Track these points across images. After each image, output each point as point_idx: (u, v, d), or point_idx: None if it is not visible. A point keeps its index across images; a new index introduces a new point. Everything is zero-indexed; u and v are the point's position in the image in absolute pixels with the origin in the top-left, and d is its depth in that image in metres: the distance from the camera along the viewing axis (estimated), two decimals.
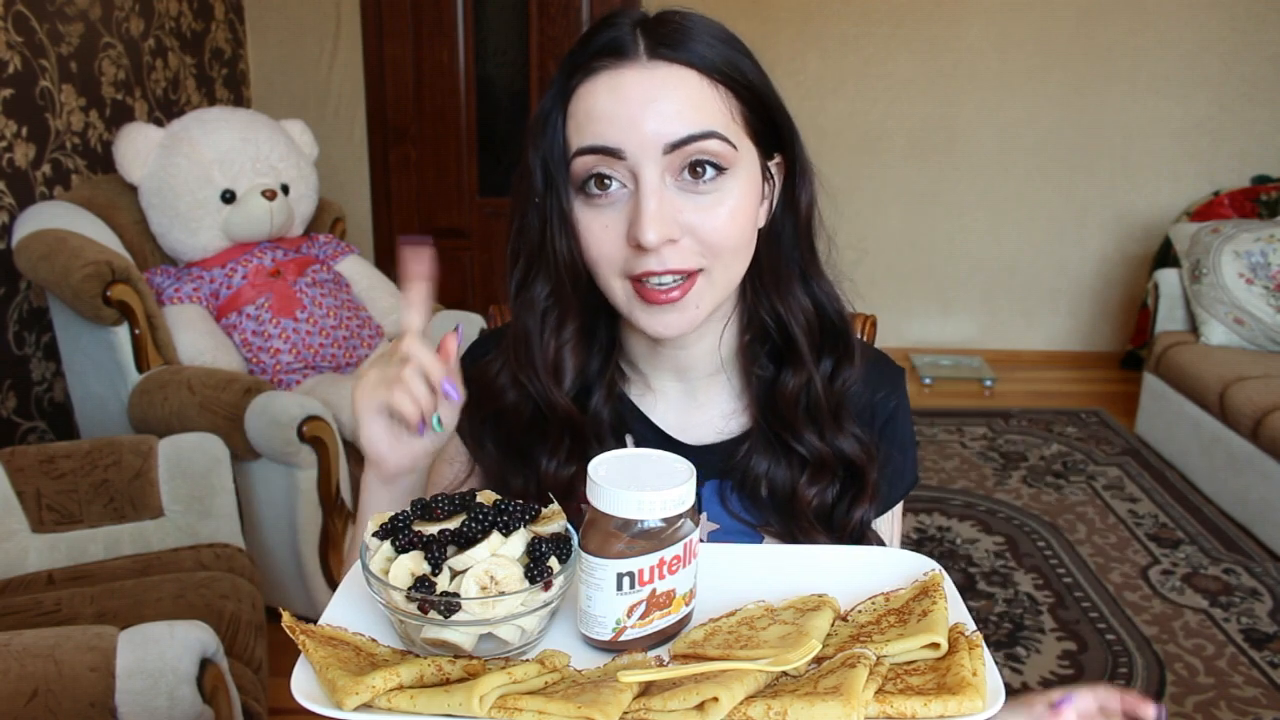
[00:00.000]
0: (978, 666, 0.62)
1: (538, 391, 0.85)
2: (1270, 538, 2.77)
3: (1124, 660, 2.27)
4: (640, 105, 0.74)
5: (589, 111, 0.76)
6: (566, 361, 0.85)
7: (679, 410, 0.90)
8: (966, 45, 4.02)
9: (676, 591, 0.68)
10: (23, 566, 1.72)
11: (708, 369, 0.89)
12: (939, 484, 3.18)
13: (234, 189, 2.41)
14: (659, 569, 0.67)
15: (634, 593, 0.66)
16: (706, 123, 0.75)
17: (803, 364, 0.85)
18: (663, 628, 0.69)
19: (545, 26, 3.85)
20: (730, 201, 0.77)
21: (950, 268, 4.31)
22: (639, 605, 0.67)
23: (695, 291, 0.78)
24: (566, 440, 0.85)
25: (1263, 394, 2.87)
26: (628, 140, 0.74)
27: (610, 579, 0.66)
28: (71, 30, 2.57)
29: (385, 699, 0.60)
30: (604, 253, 0.78)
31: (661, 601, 0.68)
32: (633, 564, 0.66)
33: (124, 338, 2.14)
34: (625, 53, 0.75)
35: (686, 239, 0.77)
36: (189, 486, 1.84)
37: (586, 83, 0.77)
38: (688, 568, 0.69)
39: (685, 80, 0.75)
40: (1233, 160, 4.07)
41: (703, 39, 0.77)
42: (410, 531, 0.68)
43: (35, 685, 1.24)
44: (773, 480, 0.86)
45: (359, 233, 4.01)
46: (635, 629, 0.67)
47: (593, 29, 0.79)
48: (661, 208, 0.75)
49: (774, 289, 0.85)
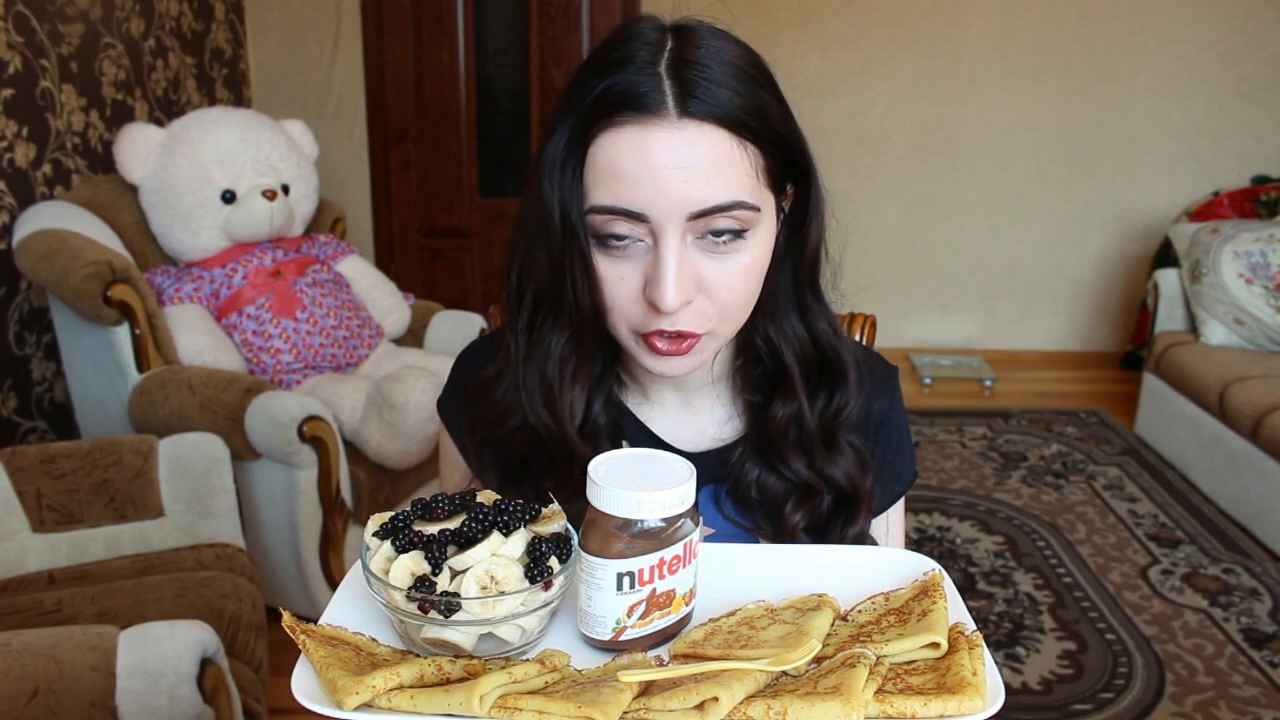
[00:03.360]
0: (978, 666, 0.62)
1: (551, 434, 0.83)
2: (1270, 538, 2.77)
3: (1124, 660, 2.27)
4: (666, 170, 0.71)
5: (612, 169, 0.72)
6: (579, 399, 0.84)
7: (676, 418, 0.90)
8: (966, 45, 4.02)
9: (676, 591, 0.68)
10: (23, 566, 1.72)
11: (703, 380, 0.90)
12: (939, 484, 3.18)
13: (234, 189, 2.41)
14: (659, 569, 0.67)
15: (634, 593, 0.66)
16: (733, 190, 0.72)
17: (794, 393, 0.85)
18: (663, 628, 0.69)
19: (545, 26, 3.85)
20: (745, 259, 0.76)
21: (950, 268, 4.31)
22: (639, 605, 0.67)
23: (700, 346, 0.78)
24: (575, 473, 0.83)
25: (1262, 394, 2.87)
26: (652, 205, 0.72)
27: (610, 579, 0.66)
28: (72, 30, 2.57)
29: (385, 699, 0.60)
30: (617, 303, 0.77)
31: (661, 601, 0.68)
32: (633, 564, 0.66)
33: (124, 338, 2.14)
34: (652, 108, 0.71)
35: (700, 298, 0.76)
36: (189, 486, 1.84)
37: (609, 134, 0.72)
38: (688, 568, 0.69)
39: (715, 141, 0.72)
40: (1232, 160, 4.07)
41: (728, 84, 0.72)
42: (410, 531, 0.68)
43: (36, 685, 1.24)
44: (764, 487, 0.87)
45: (359, 233, 4.01)
46: (635, 629, 0.67)
47: (610, 57, 0.74)
48: (681, 271, 0.73)
49: (769, 317, 0.85)
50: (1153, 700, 2.13)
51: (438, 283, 4.07)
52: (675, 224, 0.72)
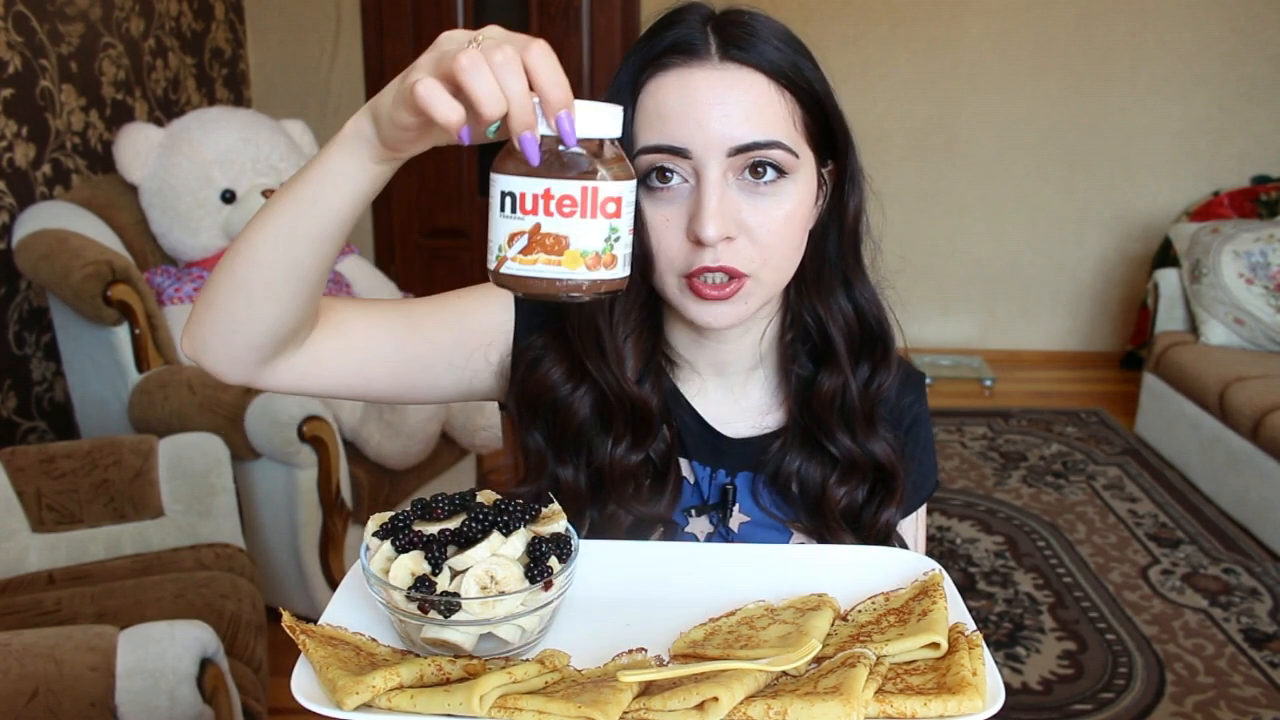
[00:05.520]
0: (978, 666, 0.62)
1: (608, 381, 0.84)
2: (1270, 537, 2.77)
3: (1124, 660, 2.27)
4: (708, 106, 0.75)
5: (658, 109, 0.77)
6: (629, 350, 0.86)
7: (719, 403, 0.91)
8: (966, 45, 4.02)
9: (570, 242, 0.62)
10: (23, 566, 1.72)
11: (747, 364, 0.90)
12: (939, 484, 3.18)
13: (234, 189, 2.41)
14: (544, 201, 0.61)
15: (514, 219, 0.61)
16: (772, 131, 0.76)
17: (839, 367, 0.87)
18: (549, 277, 0.62)
19: (545, 26, 3.85)
20: (788, 204, 0.78)
21: (950, 268, 4.31)
22: (520, 236, 0.62)
23: (745, 290, 0.79)
24: (634, 426, 0.85)
25: (1263, 394, 2.87)
26: (694, 139, 0.75)
27: (497, 197, 0.62)
28: (71, 30, 2.57)
29: (385, 699, 0.60)
30: (662, 246, 0.79)
31: (548, 243, 0.62)
32: (515, 184, 0.61)
33: (124, 338, 2.14)
34: (697, 51, 0.76)
35: (742, 238, 0.77)
36: (189, 486, 1.84)
37: (657, 78, 0.77)
38: (589, 219, 0.61)
39: (754, 84, 0.76)
40: (1232, 160, 4.07)
41: (771, 41, 0.77)
42: (410, 531, 0.68)
43: (36, 685, 1.24)
44: (804, 478, 0.88)
45: (359, 232, 4.01)
46: (516, 264, 0.62)
47: (662, 23, 0.80)
48: (723, 204, 0.76)
49: (815, 292, 0.87)
50: (1153, 700, 2.13)
51: (438, 283, 4.06)
52: (716, 159, 0.75)
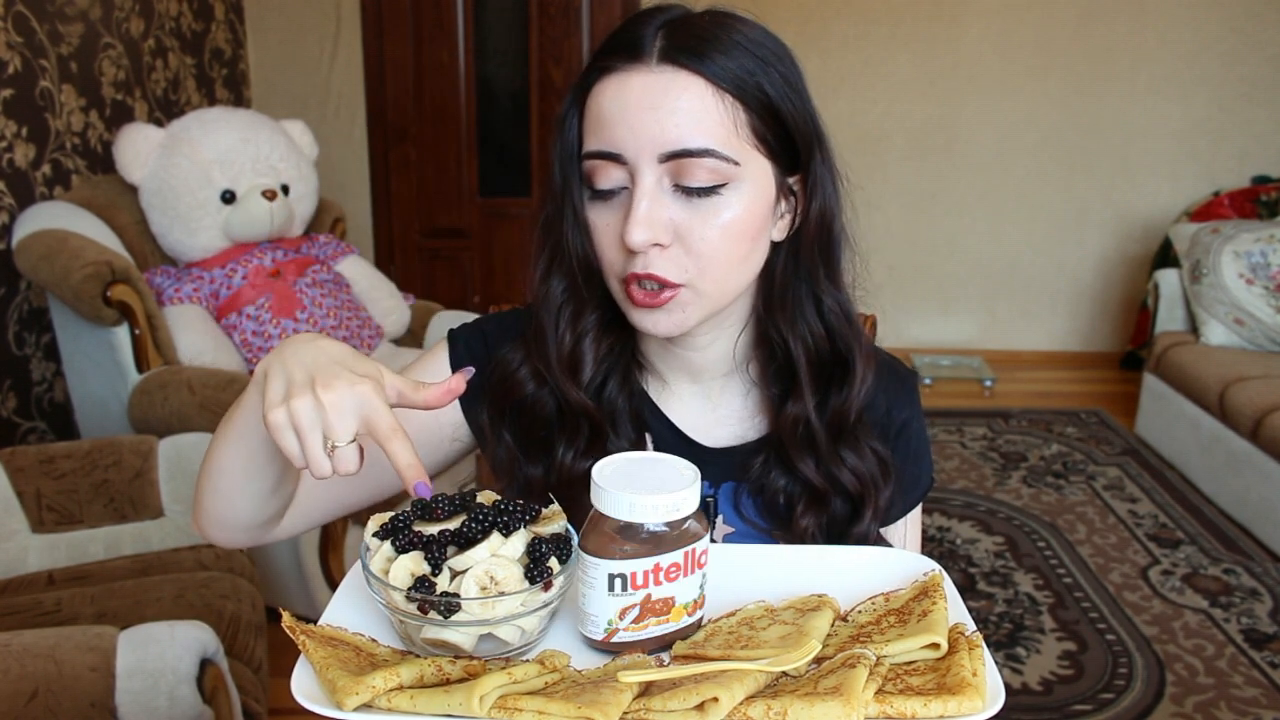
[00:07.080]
0: (978, 667, 0.62)
1: (553, 385, 0.84)
2: (1270, 538, 2.77)
3: (1124, 660, 2.27)
4: (640, 110, 0.73)
5: (597, 114, 0.76)
6: (586, 354, 0.84)
7: (696, 411, 0.90)
8: (966, 45, 4.02)
9: (676, 600, 0.67)
10: (23, 566, 1.72)
11: (722, 371, 0.89)
12: (939, 484, 3.17)
13: (234, 189, 2.41)
14: (654, 574, 0.66)
15: (626, 595, 0.66)
16: (705, 138, 0.73)
17: (800, 393, 0.84)
18: (659, 634, 0.68)
19: (545, 26, 3.85)
20: (726, 214, 0.75)
21: (950, 268, 4.31)
22: (632, 609, 0.66)
23: (679, 300, 0.77)
24: (584, 433, 0.85)
25: (1263, 394, 2.87)
26: (626, 144, 0.74)
27: (602, 579, 0.66)
28: (71, 30, 2.57)
29: (385, 699, 0.60)
30: (603, 251, 0.79)
31: (658, 608, 0.67)
32: (625, 566, 0.65)
33: (124, 338, 2.14)
34: (638, 54, 0.75)
35: (676, 246, 0.76)
36: (189, 486, 1.84)
37: (599, 82, 0.77)
38: (689, 576, 0.67)
39: (690, 89, 0.73)
40: (1232, 160, 4.07)
41: (725, 46, 0.74)
42: (410, 532, 0.68)
43: (35, 685, 1.24)
44: (785, 491, 0.86)
45: (359, 233, 4.00)
46: (628, 632, 0.67)
47: (624, 22, 0.78)
48: (652, 211, 0.74)
49: (780, 307, 0.84)
50: (1153, 701, 2.13)
51: (437, 283, 4.07)
52: (649, 163, 0.74)
